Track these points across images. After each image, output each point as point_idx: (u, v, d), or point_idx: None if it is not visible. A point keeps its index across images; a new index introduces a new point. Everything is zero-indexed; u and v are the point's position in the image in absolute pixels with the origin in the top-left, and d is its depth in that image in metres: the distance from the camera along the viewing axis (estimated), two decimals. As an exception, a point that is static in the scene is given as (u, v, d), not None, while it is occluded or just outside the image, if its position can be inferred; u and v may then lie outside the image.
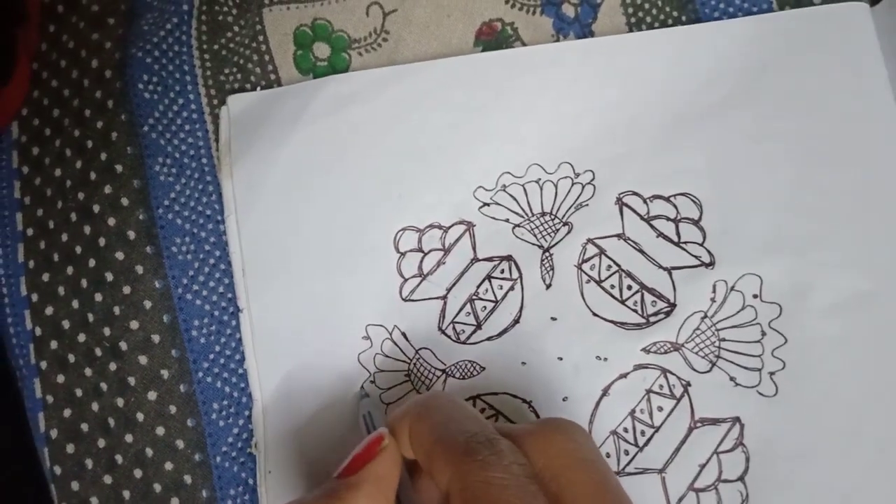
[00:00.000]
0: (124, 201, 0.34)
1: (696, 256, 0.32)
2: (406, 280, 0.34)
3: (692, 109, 0.34)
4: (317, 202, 0.34)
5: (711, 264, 0.32)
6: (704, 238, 0.33)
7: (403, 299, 0.34)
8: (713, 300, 0.32)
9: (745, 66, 0.34)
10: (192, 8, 0.36)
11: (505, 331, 0.33)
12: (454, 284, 0.34)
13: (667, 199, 0.33)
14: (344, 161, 0.35)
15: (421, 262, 0.34)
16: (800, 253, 0.32)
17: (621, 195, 0.34)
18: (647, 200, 0.33)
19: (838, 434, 0.30)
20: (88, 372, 0.34)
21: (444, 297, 0.34)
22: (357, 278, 0.34)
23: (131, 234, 0.34)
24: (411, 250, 0.34)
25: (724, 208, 0.33)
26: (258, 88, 0.36)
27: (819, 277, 0.31)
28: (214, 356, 0.34)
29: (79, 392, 0.34)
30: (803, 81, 0.33)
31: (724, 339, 0.32)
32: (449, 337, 0.33)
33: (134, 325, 0.33)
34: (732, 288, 0.32)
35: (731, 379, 0.31)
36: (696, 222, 0.33)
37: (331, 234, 0.34)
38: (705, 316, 0.32)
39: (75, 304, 0.34)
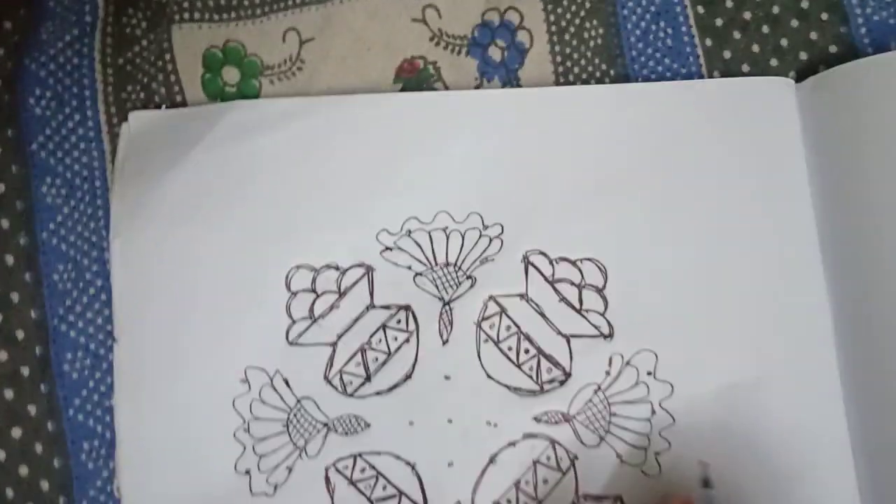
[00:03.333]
0: (4, 224, 0.32)
1: (595, 326, 0.31)
2: (294, 322, 0.32)
3: (608, 171, 0.33)
4: (209, 231, 0.33)
5: (610, 336, 0.31)
6: (606, 307, 0.32)
7: (289, 342, 0.32)
8: (608, 373, 0.31)
9: (665, 132, 0.33)
10: (96, 19, 0.34)
11: (395, 386, 0.32)
12: (346, 331, 0.32)
13: (573, 263, 0.32)
14: (243, 191, 0.33)
15: (313, 303, 0.32)
16: (696, 332, 0.31)
17: (528, 253, 0.32)
18: (554, 262, 0.32)
19: None
20: (-47, 401, 0.32)
21: (334, 344, 0.32)
22: (241, 315, 0.32)
23: (10, 260, 0.32)
24: (303, 290, 0.32)
25: (628, 278, 0.32)
26: (163, 108, 0.34)
27: (712, 359, 0.31)
28: (87, 392, 0.32)
29: (-60, 423, 0.32)
30: (720, 154, 0.33)
31: (614, 415, 0.31)
32: (335, 388, 0.32)
33: (2, 355, 0.31)
34: (628, 362, 0.31)
35: (618, 456, 0.30)
36: (599, 290, 0.32)
37: (220, 265, 0.32)
38: (599, 389, 0.31)
39: (-56, 327, 0.32)
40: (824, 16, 0.35)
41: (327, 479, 0.31)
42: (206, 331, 0.32)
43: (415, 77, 0.35)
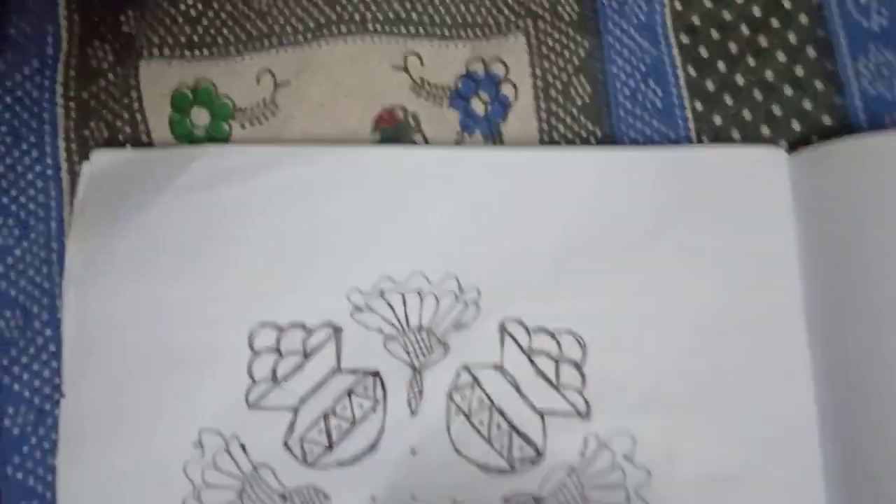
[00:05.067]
0: (-53, 266, 0.30)
1: (572, 404, 0.30)
2: (255, 383, 0.30)
3: (593, 243, 0.31)
4: (170, 283, 0.31)
5: (587, 415, 0.30)
6: (584, 384, 0.30)
7: (249, 405, 0.30)
8: (583, 455, 0.29)
9: (653, 204, 0.32)
10: (58, 51, 0.32)
11: (358, 457, 0.30)
12: (310, 395, 0.30)
13: (551, 335, 0.31)
14: (209, 241, 0.31)
15: (276, 364, 0.31)
16: (675, 417, 0.29)
17: (505, 321, 0.31)
18: (531, 332, 0.31)
19: None
20: None
21: (296, 409, 0.30)
22: (199, 374, 0.30)
23: (-49, 304, 0.30)
24: (267, 350, 0.31)
25: (608, 356, 0.30)
26: (127, 146, 0.32)
27: (690, 447, 0.29)
28: (29, 450, 0.30)
29: None
30: (708, 226, 0.31)
31: (587, 500, 0.29)
32: (295, 456, 0.30)
33: (-63, 409, 0.29)
34: (604, 445, 0.29)
35: (590, 545, 0.29)
36: (577, 366, 0.30)
37: (179, 319, 0.30)
38: (573, 471, 0.29)
39: None
40: (819, 85, 0.34)
41: (281, 556, 0.29)
42: (161, 389, 0.30)
43: (393, 128, 0.34)
